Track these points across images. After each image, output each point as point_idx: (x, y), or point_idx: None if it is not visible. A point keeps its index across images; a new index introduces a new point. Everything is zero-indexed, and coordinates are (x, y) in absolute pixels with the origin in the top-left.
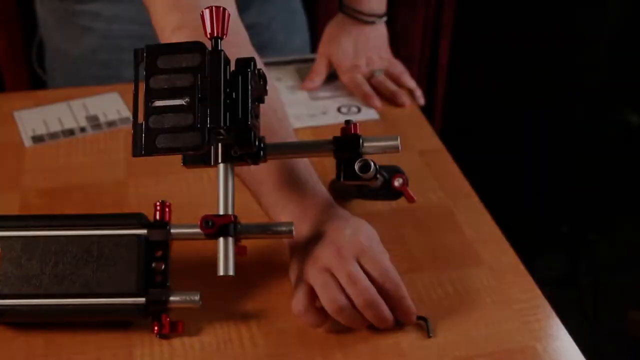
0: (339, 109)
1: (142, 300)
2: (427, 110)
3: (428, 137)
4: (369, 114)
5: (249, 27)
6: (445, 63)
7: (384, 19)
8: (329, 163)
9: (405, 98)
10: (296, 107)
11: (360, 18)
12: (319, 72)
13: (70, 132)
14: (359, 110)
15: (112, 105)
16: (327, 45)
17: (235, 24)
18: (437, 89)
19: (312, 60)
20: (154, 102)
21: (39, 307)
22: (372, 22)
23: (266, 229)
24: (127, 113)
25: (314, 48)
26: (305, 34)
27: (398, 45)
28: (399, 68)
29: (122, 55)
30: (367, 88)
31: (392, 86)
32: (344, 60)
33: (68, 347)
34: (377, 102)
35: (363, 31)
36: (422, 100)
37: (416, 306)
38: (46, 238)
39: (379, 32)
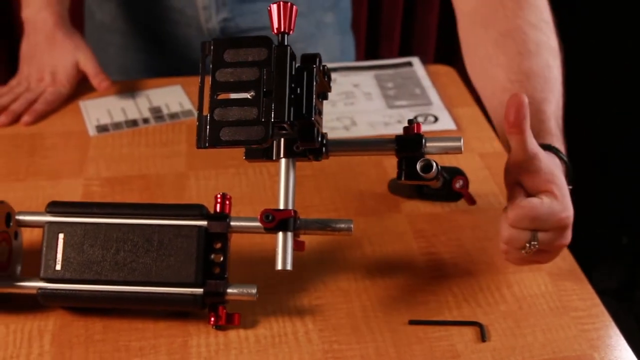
0: (415, 118)
1: (200, 291)
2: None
3: (489, 140)
4: (446, 124)
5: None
6: None
7: None
8: (388, 162)
9: None
10: (372, 115)
11: None
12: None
13: (133, 123)
14: (436, 119)
15: (175, 97)
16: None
17: None
18: None
19: (392, 66)
20: (219, 94)
21: (98, 292)
22: None
23: (325, 226)
24: (190, 106)
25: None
26: (336, 51)
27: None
28: None
29: (138, 27)
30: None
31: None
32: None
33: (125, 333)
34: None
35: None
36: None
37: (472, 310)
38: (108, 225)
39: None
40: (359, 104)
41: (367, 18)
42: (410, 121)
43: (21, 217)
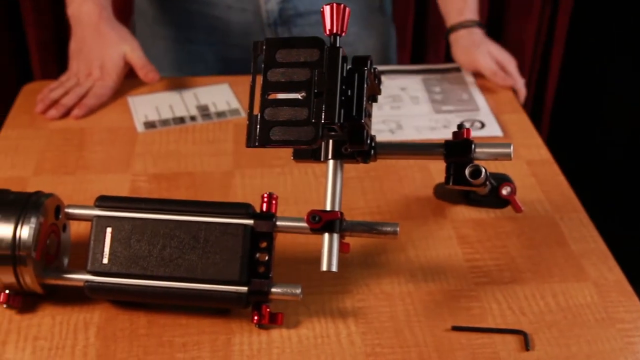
0: (462, 124)
1: (244, 289)
2: (534, 119)
3: (536, 147)
4: (492, 131)
5: (317, 12)
6: (556, 74)
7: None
8: (434, 166)
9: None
10: (418, 119)
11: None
12: None
13: (180, 120)
14: (483, 125)
15: (222, 96)
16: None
17: None
18: (546, 99)
19: (440, 71)
20: (270, 94)
21: (144, 287)
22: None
23: (371, 228)
24: (237, 104)
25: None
26: (386, 34)
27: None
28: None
29: (189, 18)
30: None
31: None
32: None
33: (169, 328)
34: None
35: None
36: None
37: (517, 318)
38: (155, 221)
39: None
40: (406, 107)
41: (413, 21)
42: (459, 126)
43: (70, 210)
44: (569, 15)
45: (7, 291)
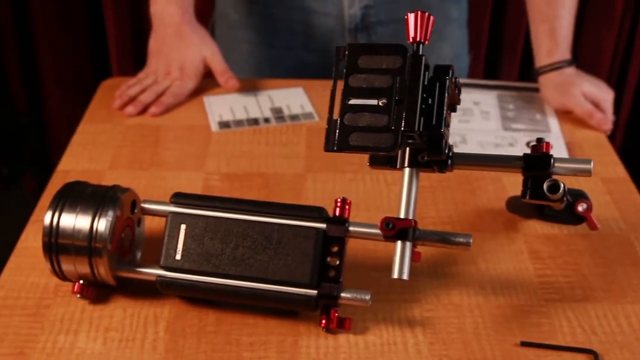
0: (528, 143)
1: (314, 292)
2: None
3: (612, 165)
4: (558, 154)
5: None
6: (633, 87)
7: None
8: (507, 179)
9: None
10: (485, 135)
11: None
12: None
13: (254, 122)
14: None
15: (297, 99)
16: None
17: None
18: (621, 113)
19: (518, 88)
20: (350, 99)
21: (215, 285)
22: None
23: (444, 238)
24: (310, 108)
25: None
26: (459, 46)
27: (584, 70)
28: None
29: (273, 23)
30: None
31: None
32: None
33: (237, 327)
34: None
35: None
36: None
37: (587, 337)
38: (229, 220)
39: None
40: (475, 122)
41: (489, 27)
42: (539, 140)
43: (146, 205)
44: None
45: (81, 281)
